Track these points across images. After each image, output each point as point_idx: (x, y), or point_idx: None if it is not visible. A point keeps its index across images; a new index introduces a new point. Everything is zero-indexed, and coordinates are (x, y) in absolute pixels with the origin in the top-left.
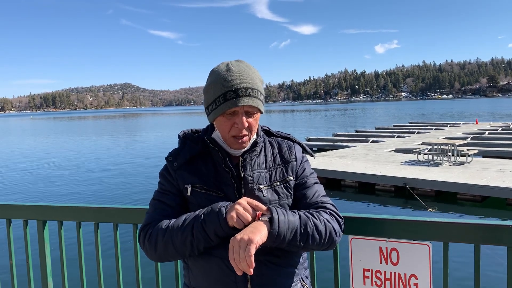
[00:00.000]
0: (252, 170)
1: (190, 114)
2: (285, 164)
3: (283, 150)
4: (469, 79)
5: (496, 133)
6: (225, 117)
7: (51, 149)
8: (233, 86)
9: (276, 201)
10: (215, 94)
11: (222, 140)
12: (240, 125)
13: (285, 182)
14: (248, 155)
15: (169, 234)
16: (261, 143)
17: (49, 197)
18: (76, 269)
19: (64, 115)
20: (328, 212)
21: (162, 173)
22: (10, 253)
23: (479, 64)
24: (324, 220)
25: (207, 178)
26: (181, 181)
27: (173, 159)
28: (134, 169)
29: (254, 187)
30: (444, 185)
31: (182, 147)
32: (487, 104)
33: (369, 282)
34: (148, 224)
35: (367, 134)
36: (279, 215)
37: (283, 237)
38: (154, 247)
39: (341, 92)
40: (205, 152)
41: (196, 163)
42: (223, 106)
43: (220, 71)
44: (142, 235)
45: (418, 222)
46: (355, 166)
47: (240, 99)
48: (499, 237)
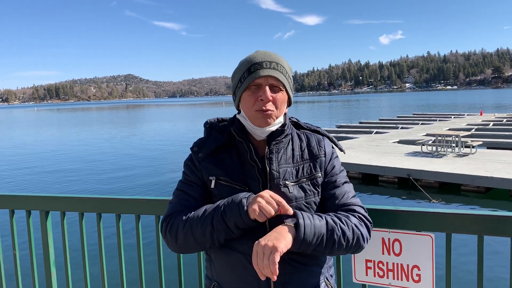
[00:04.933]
0: (279, 165)
1: (194, 105)
2: (313, 160)
3: (311, 144)
4: (474, 70)
5: (501, 124)
6: (250, 91)
7: (54, 140)
8: (257, 59)
9: (303, 198)
10: (239, 73)
11: (248, 124)
12: (263, 96)
13: (313, 179)
14: (274, 146)
15: (189, 225)
16: (289, 134)
17: (51, 187)
18: (79, 259)
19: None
20: (357, 216)
21: (186, 163)
22: (13, 243)
23: (484, 55)
24: (352, 225)
25: (232, 171)
26: (205, 172)
27: (198, 150)
28: (137, 160)
29: (280, 183)
30: (448, 177)
31: (208, 137)
32: (492, 95)
33: (372, 273)
34: (170, 215)
35: (371, 125)
36: (305, 220)
37: (309, 244)
38: (175, 238)
39: (345, 83)
40: (231, 143)
41: (221, 154)
42: (247, 80)
43: (247, 56)
44: (164, 226)
45: (421, 213)
46: (358, 157)
47: (264, 70)
48: (502, 228)
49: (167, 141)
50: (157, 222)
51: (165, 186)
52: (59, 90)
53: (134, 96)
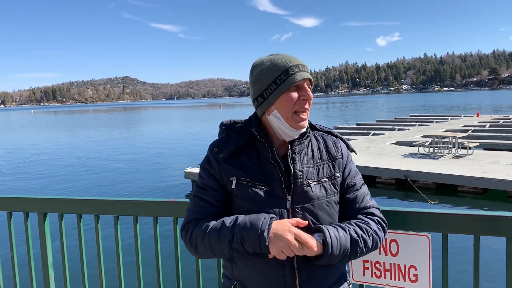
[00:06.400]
0: (301, 165)
1: (191, 107)
2: (332, 160)
3: (329, 146)
4: (471, 71)
5: (497, 125)
6: (290, 92)
7: (51, 142)
8: (293, 62)
9: (324, 197)
10: (273, 75)
11: (283, 125)
12: (307, 96)
13: (333, 179)
14: (297, 147)
15: (207, 241)
16: (309, 135)
17: (49, 189)
18: (77, 261)
19: (64, 108)
20: (376, 221)
21: (203, 167)
22: (11, 245)
23: (480, 56)
24: (372, 233)
25: (252, 172)
26: (225, 173)
27: (218, 150)
28: (134, 162)
29: (304, 182)
30: (445, 178)
31: (228, 138)
32: (488, 96)
33: (369, 273)
34: (188, 223)
35: (368, 127)
36: (332, 238)
37: (334, 259)
38: (195, 249)
39: (342, 85)
40: (250, 144)
41: (240, 156)
42: (290, 80)
43: (268, 59)
44: (184, 234)
45: (418, 213)
46: (356, 158)
47: (303, 73)
48: (498, 228)
49: (164, 143)
50: (155, 223)
51: (163, 188)
52: (56, 93)
53: (132, 98)
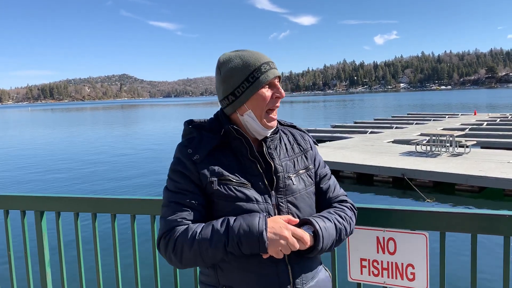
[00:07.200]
0: (280, 159)
1: (189, 105)
2: (304, 153)
3: (297, 139)
4: (468, 70)
5: (495, 124)
6: (265, 90)
7: (49, 140)
8: (264, 59)
9: (304, 189)
10: (245, 73)
11: (255, 123)
12: (280, 93)
13: (308, 170)
14: (271, 142)
15: (197, 248)
16: (278, 130)
17: (46, 188)
18: (74, 259)
19: (62, 106)
20: (349, 207)
21: (175, 170)
22: (8, 244)
23: (478, 55)
24: (349, 220)
25: (231, 170)
26: (204, 175)
27: (193, 151)
28: (132, 160)
29: (285, 176)
30: (442, 176)
31: (200, 138)
32: (485, 95)
33: (366, 271)
34: (167, 232)
35: (366, 125)
36: (322, 230)
37: (323, 250)
38: (180, 259)
39: (339, 83)
40: (223, 143)
41: (217, 155)
42: (263, 78)
43: (237, 55)
44: (163, 244)
45: (415, 212)
46: (353, 157)
47: (275, 70)
48: (495, 227)
49: (162, 141)
50: (152, 222)
51: (160, 186)
52: (53, 90)
53: (129, 96)
